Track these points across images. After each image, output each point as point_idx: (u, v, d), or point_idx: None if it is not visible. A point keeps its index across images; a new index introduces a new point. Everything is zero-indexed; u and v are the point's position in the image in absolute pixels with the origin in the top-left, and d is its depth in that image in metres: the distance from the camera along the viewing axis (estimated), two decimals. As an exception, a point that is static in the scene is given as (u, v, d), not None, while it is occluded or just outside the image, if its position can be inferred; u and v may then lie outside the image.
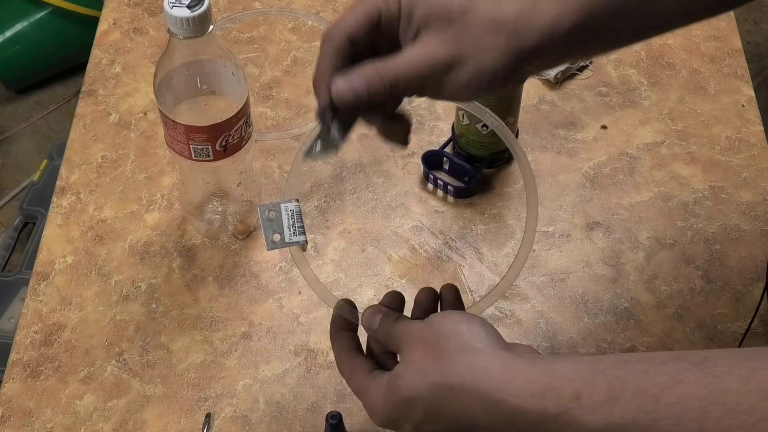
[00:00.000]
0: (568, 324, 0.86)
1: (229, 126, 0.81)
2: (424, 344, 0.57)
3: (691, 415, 0.46)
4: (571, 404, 0.50)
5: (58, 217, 0.94)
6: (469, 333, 0.57)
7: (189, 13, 0.74)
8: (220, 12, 1.12)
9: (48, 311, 0.87)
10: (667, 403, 0.47)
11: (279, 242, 0.64)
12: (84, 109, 1.03)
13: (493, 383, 0.53)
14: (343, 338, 0.64)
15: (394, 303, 0.64)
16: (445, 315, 0.60)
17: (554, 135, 1.00)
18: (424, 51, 0.56)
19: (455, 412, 0.55)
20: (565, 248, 0.91)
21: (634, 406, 0.48)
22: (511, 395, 0.52)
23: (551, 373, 0.52)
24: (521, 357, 0.55)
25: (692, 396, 0.47)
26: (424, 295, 0.64)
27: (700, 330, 0.85)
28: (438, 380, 0.55)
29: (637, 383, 0.49)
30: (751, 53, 2.21)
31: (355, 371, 0.62)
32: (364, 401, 0.61)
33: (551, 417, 0.51)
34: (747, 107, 1.03)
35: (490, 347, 0.56)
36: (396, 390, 0.57)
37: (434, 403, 0.56)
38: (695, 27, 1.10)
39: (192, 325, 0.86)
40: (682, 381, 0.48)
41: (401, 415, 0.58)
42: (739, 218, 0.93)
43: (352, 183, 0.96)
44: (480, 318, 0.59)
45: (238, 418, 0.80)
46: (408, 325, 0.60)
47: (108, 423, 0.80)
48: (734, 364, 0.47)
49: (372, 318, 0.63)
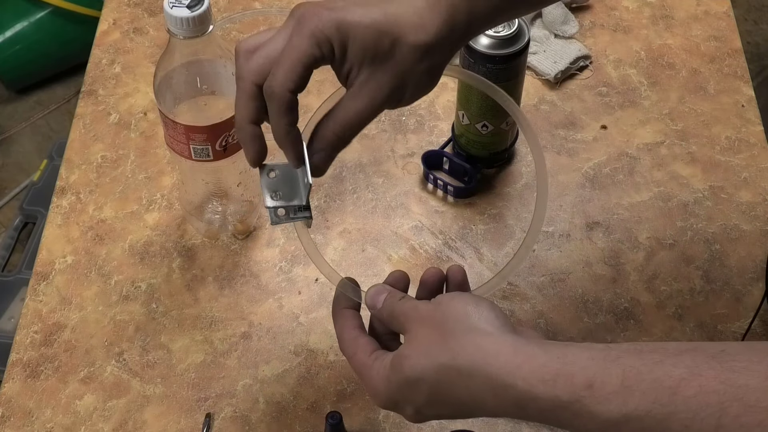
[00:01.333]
0: (567, 324, 0.86)
1: (229, 126, 0.81)
2: (431, 325, 0.57)
3: (709, 410, 0.46)
4: (584, 392, 0.49)
5: (58, 217, 0.94)
6: (477, 315, 0.56)
7: (189, 13, 0.74)
8: (220, 12, 1.12)
9: (48, 311, 0.87)
10: (685, 396, 0.47)
11: (284, 217, 0.63)
12: (84, 109, 1.03)
13: (503, 367, 0.52)
14: (346, 317, 0.63)
15: (398, 283, 0.63)
16: (454, 296, 0.59)
17: (554, 135, 1.00)
18: (370, 95, 0.59)
19: (461, 395, 0.54)
20: (565, 248, 0.91)
21: (650, 397, 0.48)
22: (522, 379, 0.51)
23: (563, 359, 0.51)
24: (532, 341, 0.54)
25: (710, 390, 0.46)
26: (430, 275, 0.63)
27: (700, 330, 0.85)
28: (445, 362, 0.54)
29: (653, 374, 0.48)
30: (751, 53, 2.21)
31: (357, 351, 0.61)
32: (366, 382, 0.60)
33: (563, 405, 0.50)
34: (747, 107, 1.03)
35: (500, 330, 0.55)
36: (400, 370, 0.56)
37: (440, 384, 0.55)
38: (695, 27, 1.10)
39: (192, 325, 0.86)
40: (699, 374, 0.47)
41: (404, 396, 0.57)
42: (739, 218, 0.93)
43: (352, 183, 0.96)
44: (489, 301, 0.58)
45: (238, 418, 0.80)
46: (414, 305, 0.59)
47: (108, 423, 0.80)
48: (753, 359, 0.47)
49: (376, 297, 0.62)
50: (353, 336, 0.62)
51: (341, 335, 0.63)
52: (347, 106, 0.60)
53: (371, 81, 0.59)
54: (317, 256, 0.63)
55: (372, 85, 0.59)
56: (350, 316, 0.63)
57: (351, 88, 0.60)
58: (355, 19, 0.57)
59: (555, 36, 1.06)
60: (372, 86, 0.59)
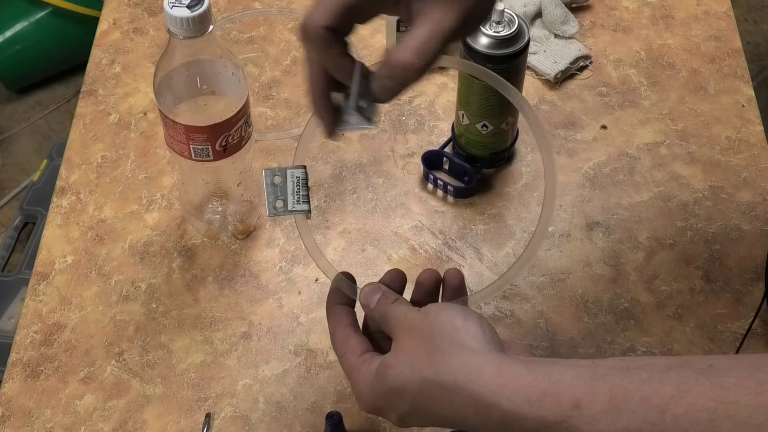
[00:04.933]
0: (567, 324, 0.86)
1: (229, 126, 0.81)
2: (417, 336, 0.56)
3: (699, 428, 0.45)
4: (571, 413, 0.49)
5: (58, 217, 0.94)
6: (464, 330, 0.55)
7: (189, 13, 0.74)
8: (220, 12, 1.12)
9: (48, 311, 0.87)
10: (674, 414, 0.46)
11: (282, 209, 0.62)
12: (84, 109, 1.03)
13: (486, 385, 0.52)
14: (340, 313, 0.63)
15: (394, 282, 0.63)
16: (442, 308, 0.58)
17: (554, 135, 1.00)
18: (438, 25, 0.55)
19: (444, 410, 0.54)
20: (565, 248, 0.91)
21: (639, 417, 0.47)
22: (506, 399, 0.51)
23: (549, 378, 0.50)
24: (517, 360, 0.53)
25: (700, 408, 0.45)
26: (426, 276, 0.62)
27: (700, 330, 0.85)
28: (428, 376, 0.54)
29: (641, 392, 0.47)
30: (751, 53, 2.21)
31: (347, 351, 0.61)
32: (353, 384, 0.60)
33: (549, 425, 0.49)
34: (747, 107, 1.03)
35: (485, 347, 0.54)
36: (384, 380, 0.56)
37: (422, 397, 0.55)
38: (695, 27, 1.10)
39: (192, 325, 0.86)
40: (689, 392, 0.46)
41: (387, 404, 0.57)
42: (739, 218, 0.93)
43: (352, 183, 0.96)
44: (477, 315, 0.57)
45: (238, 418, 0.80)
46: (403, 313, 0.59)
47: (108, 423, 0.80)
48: (741, 374, 0.46)
49: (370, 296, 0.61)
50: (345, 335, 0.62)
51: (334, 332, 0.63)
52: (420, 34, 0.56)
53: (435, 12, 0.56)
54: (314, 248, 0.63)
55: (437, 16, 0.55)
56: (344, 313, 0.63)
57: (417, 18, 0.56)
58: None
59: (555, 36, 1.06)
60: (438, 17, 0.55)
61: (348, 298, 0.63)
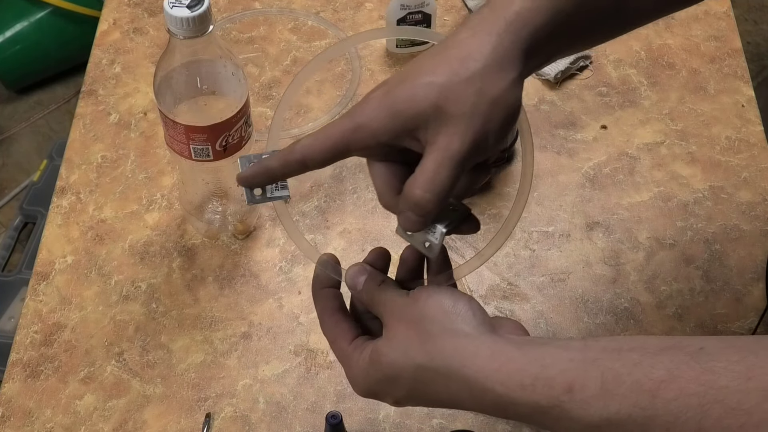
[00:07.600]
0: (567, 324, 0.86)
1: (229, 126, 0.81)
2: (408, 322, 0.56)
3: (690, 413, 0.45)
4: (564, 397, 0.49)
5: (58, 217, 0.94)
6: (455, 314, 0.55)
7: (189, 13, 0.74)
8: (220, 12, 1.12)
9: (48, 311, 0.87)
10: (665, 399, 0.46)
11: (260, 197, 0.61)
12: (84, 109, 1.03)
13: (480, 371, 0.52)
14: (327, 297, 0.62)
15: (378, 261, 0.62)
16: (431, 293, 0.57)
17: (554, 135, 1.00)
18: (450, 144, 0.55)
19: (440, 394, 0.54)
20: (565, 248, 0.91)
21: (630, 401, 0.47)
22: (500, 384, 0.51)
23: (541, 362, 0.51)
24: (510, 342, 0.53)
25: (690, 393, 0.46)
26: (410, 253, 0.61)
27: (700, 330, 0.85)
28: (422, 363, 0.54)
29: (632, 376, 0.48)
30: (751, 53, 2.21)
31: (337, 337, 0.60)
32: (346, 370, 0.60)
33: (542, 410, 0.50)
34: (747, 107, 1.03)
35: (477, 330, 0.54)
36: (378, 367, 0.56)
37: (418, 383, 0.55)
38: (695, 27, 1.10)
39: (192, 325, 0.86)
40: (679, 376, 0.46)
41: (383, 389, 0.57)
42: (739, 218, 0.93)
43: (352, 183, 0.96)
44: (467, 297, 0.57)
45: (238, 418, 0.80)
46: (392, 298, 0.58)
47: (108, 423, 0.80)
48: (731, 358, 0.46)
49: (356, 278, 0.61)
50: (334, 320, 0.61)
51: (322, 318, 0.62)
52: (427, 166, 0.55)
53: (443, 133, 0.55)
54: (294, 232, 0.62)
55: (447, 134, 0.54)
56: (331, 297, 0.62)
57: (426, 148, 0.56)
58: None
59: (555, 36, 1.06)
60: (448, 135, 0.54)
61: (333, 280, 0.62)
